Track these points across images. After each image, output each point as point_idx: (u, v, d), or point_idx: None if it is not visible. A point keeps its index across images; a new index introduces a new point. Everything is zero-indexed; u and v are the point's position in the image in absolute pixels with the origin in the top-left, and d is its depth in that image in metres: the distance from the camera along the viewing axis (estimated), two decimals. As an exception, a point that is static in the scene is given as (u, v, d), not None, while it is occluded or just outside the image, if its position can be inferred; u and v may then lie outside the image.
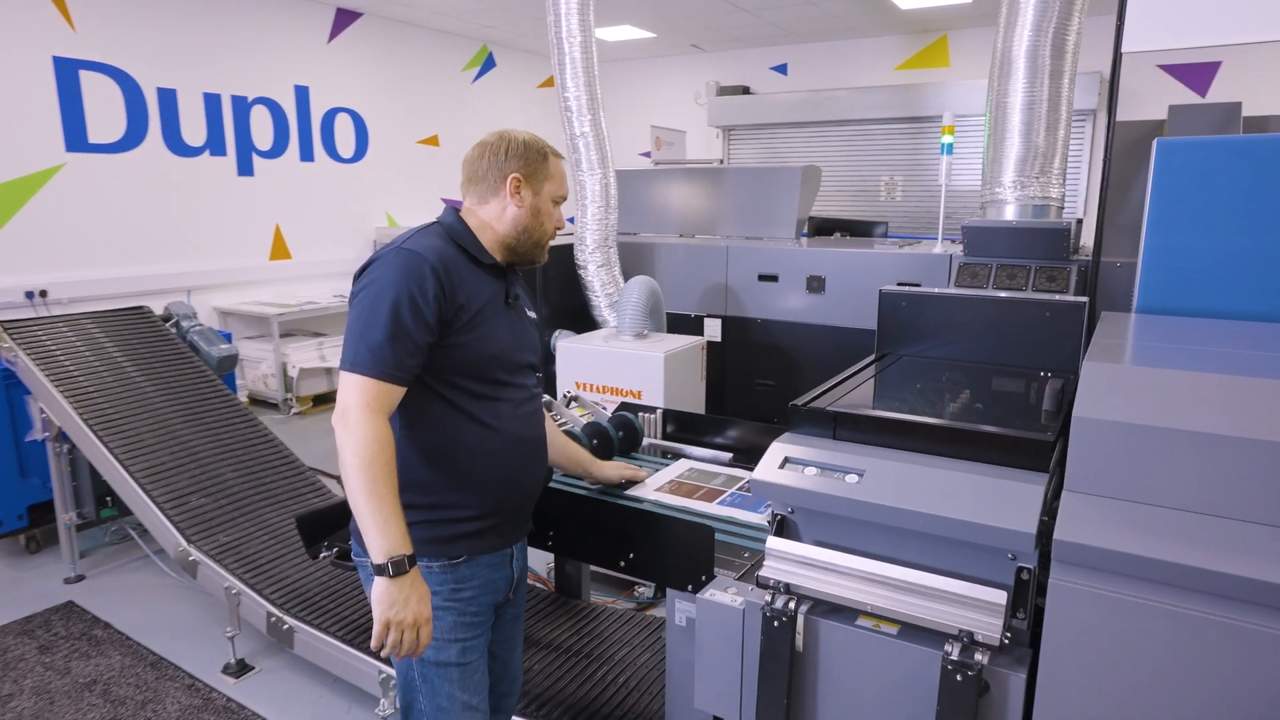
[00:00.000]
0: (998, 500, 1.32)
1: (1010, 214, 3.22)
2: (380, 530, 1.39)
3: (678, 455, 2.47)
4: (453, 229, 1.59)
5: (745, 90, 8.56)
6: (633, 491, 2.10)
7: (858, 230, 4.92)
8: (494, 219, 1.61)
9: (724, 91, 8.53)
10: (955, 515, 1.32)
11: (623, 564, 1.85)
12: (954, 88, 6.99)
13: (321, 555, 2.73)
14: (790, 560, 1.48)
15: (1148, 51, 2.88)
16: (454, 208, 1.65)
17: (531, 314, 1.76)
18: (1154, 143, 2.24)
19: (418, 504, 1.55)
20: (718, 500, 2.08)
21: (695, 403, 3.61)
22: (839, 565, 1.43)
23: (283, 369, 6.14)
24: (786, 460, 1.51)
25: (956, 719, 1.31)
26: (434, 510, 1.57)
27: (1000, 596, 1.30)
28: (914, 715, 1.39)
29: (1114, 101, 2.97)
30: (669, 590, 1.78)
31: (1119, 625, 1.21)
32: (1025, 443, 1.38)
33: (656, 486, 2.16)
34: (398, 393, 1.46)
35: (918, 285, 3.63)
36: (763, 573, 1.50)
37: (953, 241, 3.78)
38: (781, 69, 8.53)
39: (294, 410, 6.15)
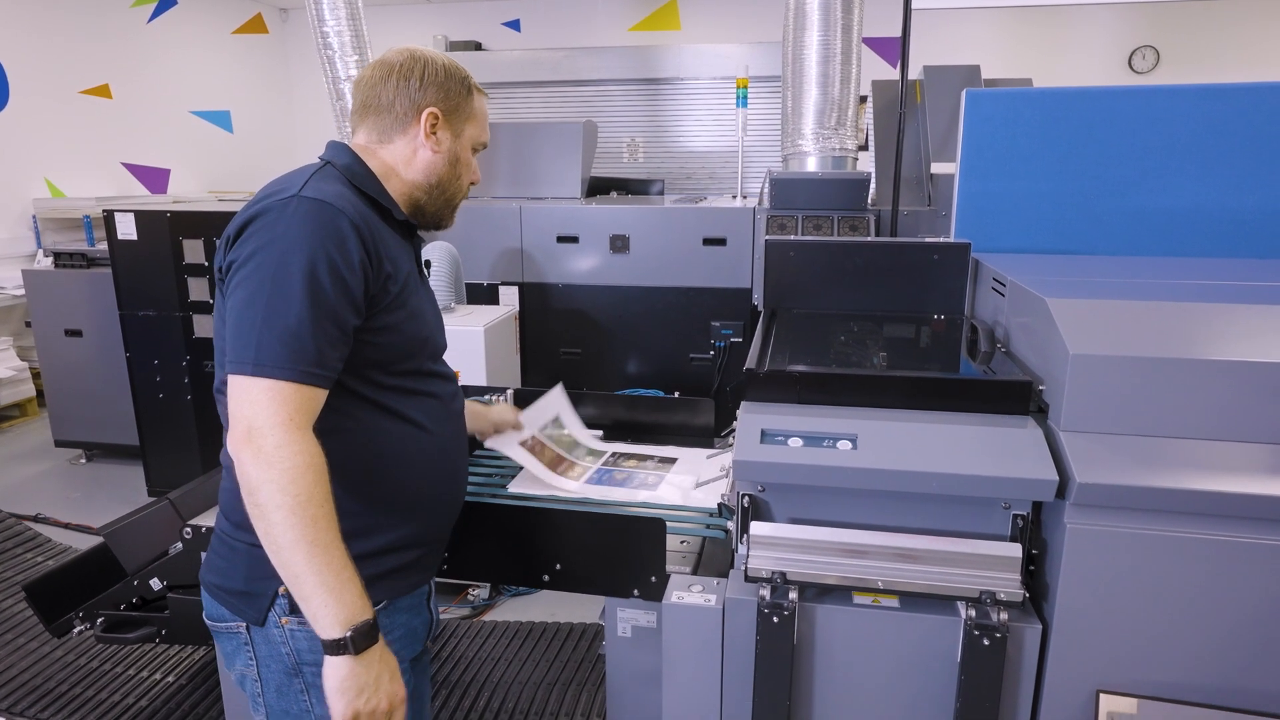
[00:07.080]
0: (1005, 450, 1.25)
1: (812, 165, 3.31)
2: (333, 592, 1.01)
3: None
4: (353, 171, 1.18)
5: (478, 46, 8.08)
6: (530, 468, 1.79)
7: (634, 189, 4.84)
8: (401, 163, 1.23)
9: (455, 47, 7.97)
10: (968, 471, 1.24)
11: (547, 578, 1.55)
12: (687, 51, 7.18)
13: (76, 630, 2.07)
14: (785, 546, 1.31)
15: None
16: (344, 145, 1.22)
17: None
18: (963, 93, 2.36)
19: None
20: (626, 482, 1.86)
21: (512, 377, 3.29)
22: (848, 543, 1.29)
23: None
24: (764, 433, 1.33)
25: (984, 683, 1.24)
26: (348, 544, 1.18)
27: (1015, 550, 1.25)
28: (925, 686, 1.30)
29: (906, 58, 3.14)
30: (609, 600, 1.53)
31: (1135, 561, 1.21)
32: (1009, 386, 1.34)
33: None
34: (321, 398, 1.06)
35: (723, 241, 3.63)
36: (753, 564, 1.31)
37: (745, 197, 3.82)
38: (515, 25, 8.18)
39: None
